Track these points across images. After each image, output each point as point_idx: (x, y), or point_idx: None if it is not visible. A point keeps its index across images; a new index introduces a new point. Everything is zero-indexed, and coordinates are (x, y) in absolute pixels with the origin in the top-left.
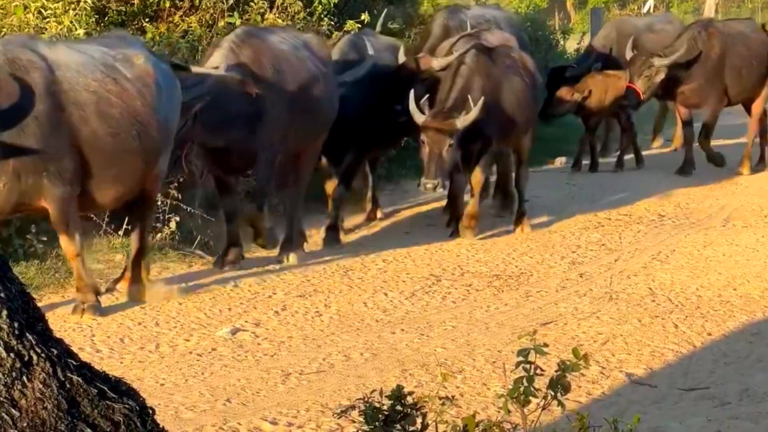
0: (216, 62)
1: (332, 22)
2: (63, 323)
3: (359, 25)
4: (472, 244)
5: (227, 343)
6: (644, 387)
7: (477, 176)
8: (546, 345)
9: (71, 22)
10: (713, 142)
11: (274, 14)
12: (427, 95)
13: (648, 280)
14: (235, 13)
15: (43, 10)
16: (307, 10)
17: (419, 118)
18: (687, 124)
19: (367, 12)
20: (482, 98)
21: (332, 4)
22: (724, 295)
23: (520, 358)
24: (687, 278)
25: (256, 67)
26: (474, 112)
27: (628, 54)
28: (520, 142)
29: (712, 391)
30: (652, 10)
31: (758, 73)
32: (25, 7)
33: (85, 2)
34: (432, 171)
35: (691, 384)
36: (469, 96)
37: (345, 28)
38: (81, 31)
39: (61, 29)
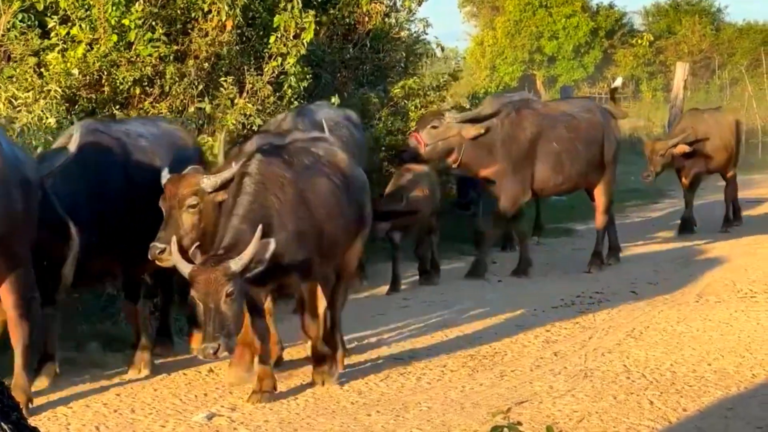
0: None
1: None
2: (38, 411)
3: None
4: (446, 324)
5: (203, 428)
6: None
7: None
8: (520, 423)
9: (42, 111)
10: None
11: (245, 99)
12: (197, 244)
13: (623, 357)
14: (206, 99)
15: (13, 100)
16: (277, 94)
17: (185, 269)
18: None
19: (337, 95)
20: (260, 229)
21: (302, 88)
22: (699, 370)
23: None
24: (661, 354)
25: None
26: (251, 249)
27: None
28: (343, 258)
29: None
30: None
31: (587, 159)
32: None
33: (56, 92)
34: (210, 332)
35: None
36: (256, 223)
37: None
38: (52, 120)
39: (32, 118)
